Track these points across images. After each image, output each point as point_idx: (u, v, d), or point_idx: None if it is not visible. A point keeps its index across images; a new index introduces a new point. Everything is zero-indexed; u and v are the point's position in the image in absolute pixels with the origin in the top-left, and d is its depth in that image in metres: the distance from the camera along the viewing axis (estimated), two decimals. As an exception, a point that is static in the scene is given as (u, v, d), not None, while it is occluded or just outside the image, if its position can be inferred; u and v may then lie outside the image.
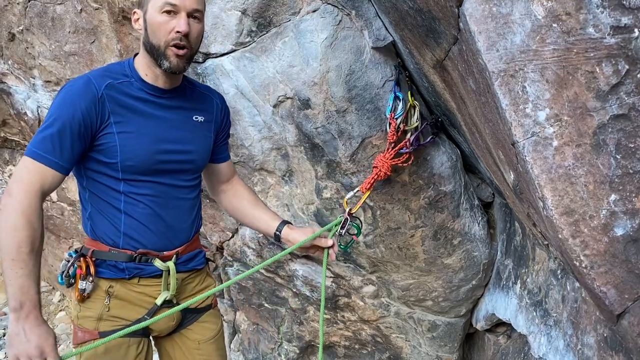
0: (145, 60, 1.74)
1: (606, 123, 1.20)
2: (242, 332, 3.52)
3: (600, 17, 1.16)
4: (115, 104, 1.68)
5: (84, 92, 1.63)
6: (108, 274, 1.78)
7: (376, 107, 2.24)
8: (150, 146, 1.73)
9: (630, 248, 1.20)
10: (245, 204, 2.07)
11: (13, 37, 3.14)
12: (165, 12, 1.65)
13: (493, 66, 1.28)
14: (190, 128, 1.85)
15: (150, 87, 1.76)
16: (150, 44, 1.68)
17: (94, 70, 1.77)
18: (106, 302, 1.78)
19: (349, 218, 2.10)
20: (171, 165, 1.80)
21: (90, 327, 1.78)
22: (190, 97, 1.88)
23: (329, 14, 2.18)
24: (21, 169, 1.58)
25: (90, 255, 1.76)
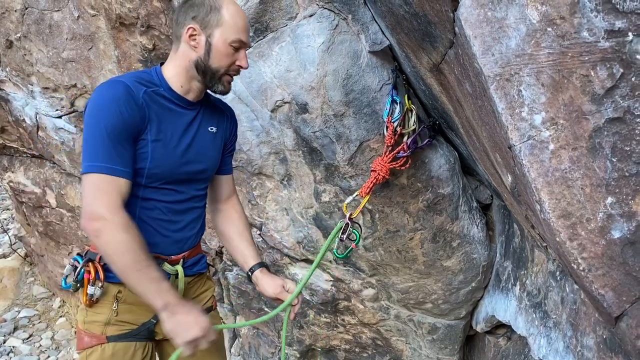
0: (188, 75, 1.78)
1: (602, 126, 1.20)
2: (243, 337, 3.52)
3: (594, 21, 1.17)
4: (151, 112, 1.71)
5: (126, 98, 1.64)
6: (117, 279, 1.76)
7: (373, 110, 2.25)
8: (176, 155, 1.78)
9: (627, 250, 1.20)
10: (232, 232, 2.09)
11: (11, 44, 3.14)
12: (233, 46, 1.74)
13: (489, 70, 1.28)
14: (207, 138, 1.91)
15: (179, 98, 1.79)
16: (208, 66, 1.74)
17: (123, 75, 1.76)
18: (114, 307, 1.79)
19: (349, 223, 2.11)
20: (189, 175, 1.85)
21: (97, 331, 1.79)
22: (207, 109, 1.93)
23: (326, 18, 2.18)
24: (94, 189, 1.59)
25: (99, 259, 1.77)
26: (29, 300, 4.83)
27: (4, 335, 4.36)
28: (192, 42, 1.74)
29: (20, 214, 4.48)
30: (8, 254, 5.36)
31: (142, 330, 1.84)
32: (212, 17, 1.72)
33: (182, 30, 1.75)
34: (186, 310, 1.64)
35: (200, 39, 1.73)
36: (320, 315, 3.06)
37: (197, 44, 1.74)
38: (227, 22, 1.72)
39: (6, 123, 3.71)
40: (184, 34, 1.74)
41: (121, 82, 1.68)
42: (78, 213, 3.77)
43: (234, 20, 1.74)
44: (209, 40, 1.73)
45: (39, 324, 4.57)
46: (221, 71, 1.77)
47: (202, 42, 1.73)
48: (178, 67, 1.78)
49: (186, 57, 1.76)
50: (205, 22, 1.72)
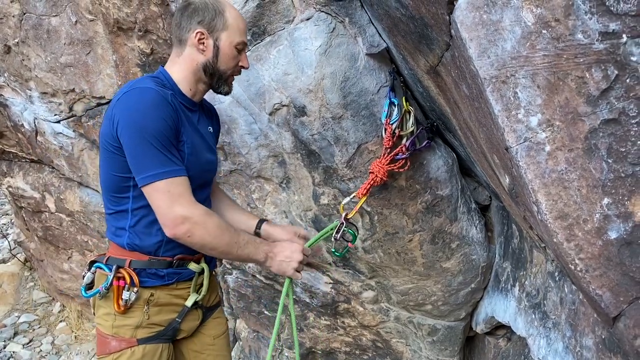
0: (195, 77, 1.83)
1: (597, 127, 1.20)
2: (243, 340, 3.52)
3: (588, 23, 1.17)
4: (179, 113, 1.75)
5: (163, 103, 1.68)
6: (150, 283, 1.83)
7: (371, 113, 2.25)
8: (202, 156, 1.85)
9: (624, 251, 1.21)
10: (224, 207, 2.15)
11: (9, 50, 3.15)
12: (237, 48, 1.82)
13: (485, 72, 1.29)
14: (211, 138, 1.98)
15: (188, 100, 1.85)
16: (216, 69, 1.82)
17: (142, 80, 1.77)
18: (145, 309, 1.83)
19: (344, 223, 2.12)
20: (208, 175, 1.94)
21: (127, 335, 1.81)
22: (205, 110, 2.00)
23: (323, 21, 2.19)
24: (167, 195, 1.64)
25: (128, 265, 1.80)
26: (29, 305, 4.83)
27: (4, 341, 4.35)
28: (200, 46, 1.79)
29: (20, 219, 4.48)
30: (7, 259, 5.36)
31: (168, 331, 1.89)
32: (217, 21, 1.77)
33: (189, 34, 1.79)
34: (280, 248, 1.87)
35: (209, 43, 1.79)
36: (320, 318, 3.06)
37: (205, 47, 1.79)
38: (232, 25, 1.79)
39: (5, 128, 3.71)
40: (192, 38, 1.78)
41: (150, 88, 1.69)
42: (77, 218, 3.77)
43: (237, 23, 1.81)
44: (216, 44, 1.79)
45: (39, 329, 4.56)
46: (228, 73, 1.85)
47: (210, 45, 1.79)
48: (185, 71, 1.83)
49: (193, 61, 1.81)
50: (212, 26, 1.77)
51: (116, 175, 1.76)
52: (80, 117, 3.16)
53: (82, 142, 3.29)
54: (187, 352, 2.04)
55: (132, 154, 1.65)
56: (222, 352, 2.11)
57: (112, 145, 1.71)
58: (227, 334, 2.18)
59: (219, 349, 2.09)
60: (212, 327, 2.08)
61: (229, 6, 1.83)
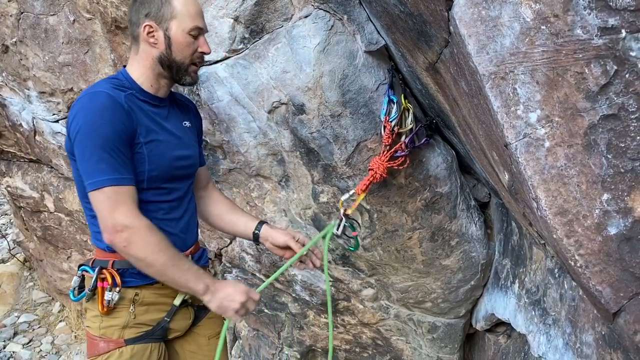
0: (154, 72, 1.78)
1: (596, 123, 1.20)
2: (243, 339, 3.52)
3: (587, 18, 1.17)
4: (136, 114, 1.71)
5: (114, 106, 1.64)
6: (134, 282, 1.80)
7: (370, 110, 2.25)
8: (169, 153, 1.80)
9: (623, 247, 1.21)
10: (222, 209, 2.12)
11: (7, 49, 3.14)
12: (191, 34, 1.74)
13: (484, 69, 1.29)
14: (185, 133, 1.93)
15: (152, 97, 1.80)
16: (172, 60, 1.75)
17: (98, 85, 1.75)
18: (131, 309, 1.81)
19: (344, 218, 2.12)
20: (182, 171, 1.88)
21: (115, 336, 1.79)
22: (177, 105, 1.95)
23: (321, 19, 2.19)
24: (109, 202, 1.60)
25: (111, 266, 1.78)
26: (29, 305, 4.82)
27: (4, 341, 4.35)
28: (151, 40, 1.74)
29: (19, 219, 4.48)
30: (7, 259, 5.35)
31: (157, 330, 1.87)
32: (164, 10, 1.71)
33: (139, 29, 1.74)
34: (223, 284, 1.75)
35: (159, 35, 1.73)
36: (320, 316, 3.06)
37: (156, 40, 1.74)
38: (181, 11, 1.72)
39: (3, 128, 3.70)
40: (142, 33, 1.73)
41: (101, 92, 1.67)
42: (76, 217, 3.77)
43: (186, 8, 1.73)
44: (167, 34, 1.72)
45: (39, 328, 4.56)
46: (186, 62, 1.78)
47: (160, 37, 1.73)
48: (143, 68, 1.78)
49: (149, 56, 1.76)
50: (159, 16, 1.71)
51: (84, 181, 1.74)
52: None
53: (81, 141, 3.28)
54: (183, 352, 2.02)
55: (80, 160, 1.64)
56: None
57: (71, 152, 1.70)
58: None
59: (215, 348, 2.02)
60: (207, 326, 2.05)
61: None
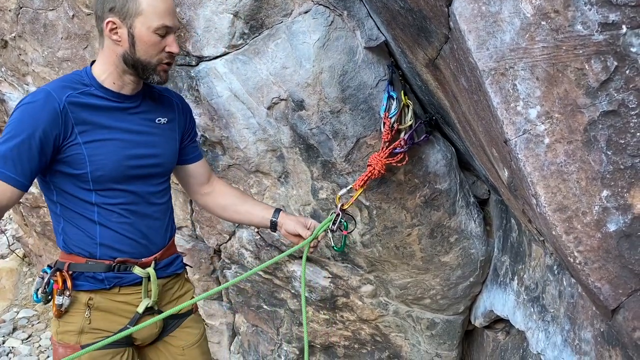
0: (118, 69, 1.71)
1: (596, 119, 1.20)
2: (242, 334, 3.52)
3: (588, 14, 1.17)
4: (78, 114, 1.64)
5: (44, 105, 1.59)
6: (87, 286, 1.75)
7: (370, 106, 2.25)
8: (118, 153, 1.71)
9: (623, 243, 1.21)
10: (234, 200, 2.07)
11: (5, 44, 3.13)
12: (158, 33, 1.65)
13: (483, 65, 1.28)
14: (155, 131, 1.84)
15: (113, 94, 1.73)
16: (137, 59, 1.67)
17: (51, 82, 1.71)
18: (86, 314, 1.75)
19: (340, 214, 2.11)
20: (141, 171, 1.79)
21: (71, 341, 1.75)
22: (151, 100, 1.86)
23: (321, 14, 2.18)
24: None
25: (67, 268, 1.73)
26: (28, 301, 4.83)
27: (3, 336, 4.36)
28: (114, 37, 1.66)
29: (18, 215, 4.48)
30: (6, 255, 5.36)
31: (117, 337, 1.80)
32: (129, 6, 1.62)
33: (102, 24, 1.66)
34: None
35: (122, 32, 1.65)
36: (319, 312, 3.06)
37: (119, 37, 1.65)
38: (146, 9, 1.62)
39: (2, 123, 3.70)
40: (105, 29, 1.66)
41: (43, 90, 1.63)
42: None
43: (153, 5, 1.63)
44: (130, 32, 1.64)
45: (38, 324, 4.57)
46: (153, 62, 1.69)
47: (124, 35, 1.65)
48: (106, 64, 1.71)
49: (112, 53, 1.68)
50: (124, 12, 1.62)
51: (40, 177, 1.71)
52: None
53: (80, 137, 3.28)
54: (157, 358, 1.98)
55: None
56: None
57: None
58: (202, 343, 2.07)
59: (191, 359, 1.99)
60: (181, 337, 1.98)
61: None
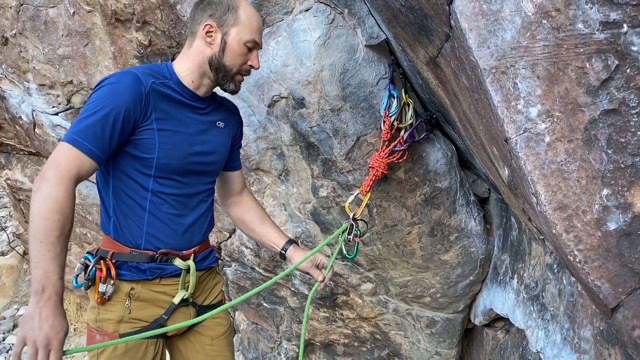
0: (200, 70, 1.81)
1: (597, 118, 1.20)
2: (242, 332, 3.53)
3: (589, 12, 1.17)
4: (158, 101, 1.73)
5: (132, 86, 1.66)
6: (129, 276, 1.79)
7: (370, 105, 2.25)
8: (185, 146, 1.80)
9: (623, 242, 1.21)
10: (254, 219, 2.13)
11: (6, 41, 3.13)
12: (247, 46, 1.79)
13: (484, 63, 1.28)
14: (215, 133, 1.94)
15: (188, 92, 1.82)
16: (222, 64, 1.79)
17: (136, 67, 1.78)
18: (127, 304, 1.80)
19: (354, 224, 2.13)
20: (198, 167, 1.87)
21: (110, 329, 1.79)
22: (215, 106, 1.97)
23: (322, 12, 2.18)
24: (59, 154, 1.57)
25: (110, 257, 1.77)
26: (28, 298, 4.83)
27: (4, 333, 4.36)
28: (208, 39, 1.78)
29: (18, 212, 4.48)
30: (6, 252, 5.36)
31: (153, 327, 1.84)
32: (229, 16, 1.76)
33: (199, 26, 1.78)
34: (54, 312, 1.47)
35: (217, 36, 1.77)
36: (319, 310, 3.07)
37: (212, 40, 1.78)
38: (244, 22, 1.77)
39: (3, 120, 3.70)
40: (201, 30, 1.78)
41: (131, 72, 1.71)
42: (76, 210, 3.77)
43: (249, 21, 1.78)
44: (224, 38, 1.77)
45: (39, 321, 4.56)
46: (234, 70, 1.81)
47: (218, 39, 1.77)
48: (191, 63, 1.81)
49: (200, 53, 1.80)
50: (223, 20, 1.76)
51: None
52: (79, 109, 3.15)
53: (81, 134, 3.28)
54: (186, 351, 2.01)
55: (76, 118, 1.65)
56: (222, 352, 2.06)
57: None
58: (229, 335, 2.12)
59: (217, 349, 2.04)
60: (211, 327, 2.03)
61: (245, 4, 1.81)
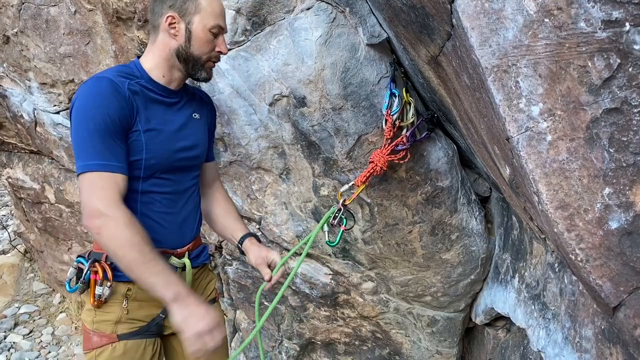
0: (169, 63, 1.78)
1: (599, 117, 1.20)
2: (243, 331, 3.53)
3: (591, 11, 1.17)
4: (138, 102, 1.71)
5: (112, 92, 1.63)
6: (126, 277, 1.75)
7: (372, 104, 2.25)
8: (170, 143, 1.79)
9: (624, 241, 1.21)
10: (220, 212, 2.12)
11: (8, 40, 3.13)
12: (212, 32, 1.75)
13: (486, 62, 1.28)
14: (193, 125, 1.92)
15: (161, 88, 1.80)
16: (190, 54, 1.76)
17: (105, 71, 1.76)
18: (124, 305, 1.78)
19: (342, 208, 2.13)
20: (184, 162, 1.86)
21: (108, 330, 1.78)
22: (188, 98, 1.94)
23: (323, 11, 2.18)
24: (91, 186, 1.58)
25: (105, 259, 1.76)
26: (29, 297, 4.84)
27: (5, 331, 4.37)
28: (171, 31, 1.74)
29: (19, 210, 4.48)
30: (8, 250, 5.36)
31: (151, 326, 1.84)
32: (189, 5, 1.73)
33: (161, 19, 1.75)
34: (197, 302, 1.61)
35: (180, 27, 1.74)
36: (319, 309, 3.07)
37: (177, 32, 1.74)
38: (205, 8, 1.73)
39: (4, 119, 3.70)
40: (163, 23, 1.74)
41: (104, 77, 1.67)
42: (77, 209, 3.77)
43: (211, 6, 1.75)
44: (188, 28, 1.73)
45: (40, 319, 4.58)
46: (203, 58, 1.78)
47: (182, 30, 1.74)
48: (158, 58, 1.78)
49: (166, 46, 1.77)
50: (184, 9, 1.72)
51: None
52: (76, 109, 3.15)
53: (82, 133, 3.28)
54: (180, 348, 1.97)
55: (74, 143, 1.63)
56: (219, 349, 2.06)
57: None
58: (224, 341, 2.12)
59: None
60: None
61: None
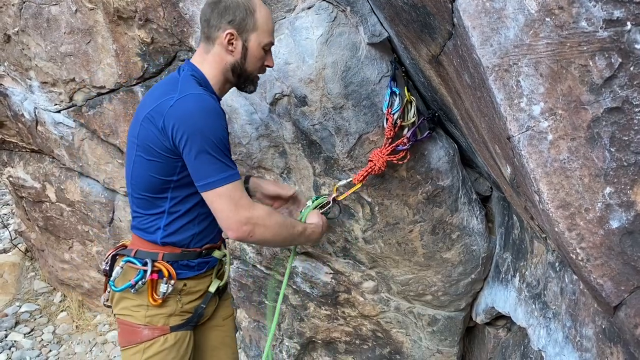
0: (224, 77, 1.86)
1: (600, 116, 1.20)
2: (243, 330, 3.53)
3: (592, 10, 1.17)
4: None
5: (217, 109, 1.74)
6: (184, 274, 1.90)
7: (373, 103, 2.25)
8: None
9: (625, 240, 1.21)
10: None
11: (8, 39, 3.13)
12: (265, 49, 1.85)
13: (487, 61, 1.28)
14: None
15: (218, 99, 1.87)
16: (244, 69, 1.85)
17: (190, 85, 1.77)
18: (178, 299, 1.90)
19: (331, 202, 2.23)
20: None
21: (160, 323, 1.87)
22: None
23: (324, 10, 2.18)
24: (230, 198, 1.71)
25: (161, 258, 1.86)
26: (30, 295, 4.84)
27: (6, 330, 4.37)
28: (229, 47, 1.80)
29: (20, 209, 4.48)
30: (8, 249, 5.37)
31: (195, 317, 1.96)
32: (248, 22, 1.78)
33: (218, 33, 1.79)
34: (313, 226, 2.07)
35: (238, 44, 1.80)
36: (320, 308, 3.07)
37: (234, 48, 1.80)
38: (261, 26, 1.81)
39: (5, 118, 3.70)
40: (222, 38, 1.79)
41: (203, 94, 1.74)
42: (78, 208, 3.77)
43: (267, 23, 1.82)
44: (245, 45, 1.81)
45: (40, 318, 4.58)
46: (254, 73, 1.88)
47: (239, 47, 1.80)
48: (215, 70, 1.84)
49: (222, 60, 1.83)
50: (242, 26, 1.78)
51: (157, 177, 1.79)
52: (81, 106, 3.15)
53: (83, 132, 3.28)
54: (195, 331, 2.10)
55: (194, 161, 1.69)
56: (230, 333, 2.19)
57: (160, 150, 1.74)
58: (234, 317, 2.26)
59: (227, 329, 2.17)
60: (222, 308, 2.16)
61: (260, 5, 1.82)
